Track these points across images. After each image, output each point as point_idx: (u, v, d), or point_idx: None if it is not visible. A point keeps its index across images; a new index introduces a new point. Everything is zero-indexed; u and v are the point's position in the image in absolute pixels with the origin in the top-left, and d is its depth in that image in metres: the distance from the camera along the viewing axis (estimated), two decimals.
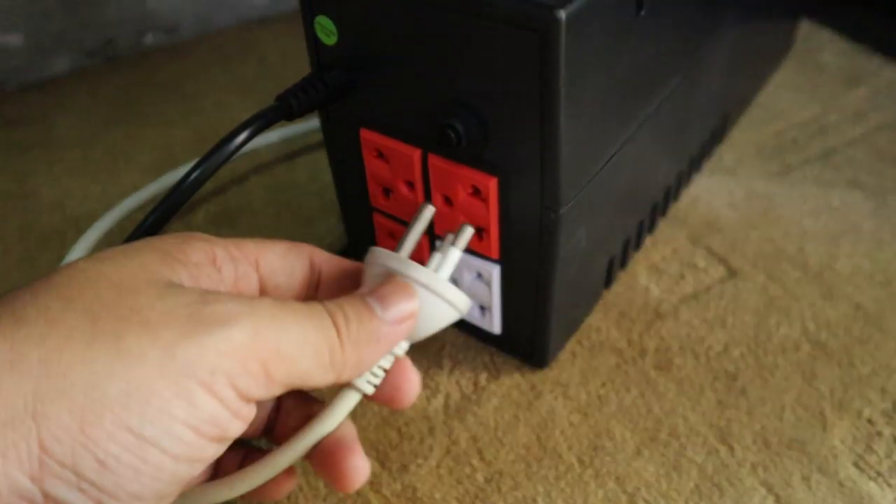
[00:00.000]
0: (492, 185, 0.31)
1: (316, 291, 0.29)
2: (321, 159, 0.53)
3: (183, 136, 0.57)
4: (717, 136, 0.50)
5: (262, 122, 0.31)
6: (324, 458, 0.26)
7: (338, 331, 0.24)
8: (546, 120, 0.28)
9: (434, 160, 0.32)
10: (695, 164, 0.48)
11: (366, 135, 0.34)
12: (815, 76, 0.60)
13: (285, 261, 0.28)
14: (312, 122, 0.53)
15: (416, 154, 0.33)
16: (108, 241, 0.45)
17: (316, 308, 0.24)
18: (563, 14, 0.25)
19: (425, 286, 0.27)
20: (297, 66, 0.65)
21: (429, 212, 0.29)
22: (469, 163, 0.31)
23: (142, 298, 0.21)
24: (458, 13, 0.27)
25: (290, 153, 0.54)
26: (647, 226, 0.43)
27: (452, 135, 0.30)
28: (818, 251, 0.44)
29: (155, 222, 0.29)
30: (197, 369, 0.21)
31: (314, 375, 0.24)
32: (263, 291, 0.27)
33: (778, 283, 0.42)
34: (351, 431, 0.27)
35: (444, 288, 0.27)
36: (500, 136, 0.30)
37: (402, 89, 0.31)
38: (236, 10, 0.74)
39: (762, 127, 0.54)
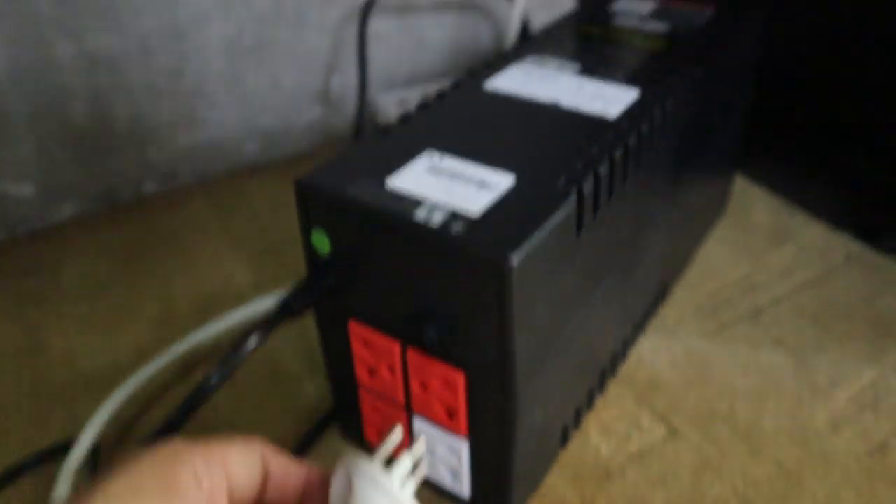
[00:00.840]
0: (459, 378, 0.37)
1: (265, 489, 0.33)
2: (310, 321, 0.59)
3: (182, 289, 0.63)
4: (659, 299, 0.57)
5: (268, 326, 0.37)
6: None
7: None
8: (501, 334, 0.34)
9: (412, 353, 0.38)
10: (639, 328, 0.55)
11: (354, 327, 0.40)
12: (747, 234, 0.68)
13: (244, 460, 0.32)
14: None
15: (397, 347, 0.39)
16: (122, 414, 0.50)
17: None
18: (514, 261, 0.32)
19: (391, 496, 0.32)
20: (285, 220, 0.72)
21: (397, 435, 0.35)
22: (441, 358, 0.38)
23: None
24: (431, 249, 0.34)
25: None
26: (597, 389, 0.50)
27: (428, 343, 0.36)
28: (747, 410, 0.50)
29: (175, 422, 0.35)
30: None
31: None
32: (229, 491, 0.32)
33: (711, 443, 0.48)
34: None
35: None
36: (466, 341, 0.36)
37: (385, 296, 0.38)
38: (229, 157, 0.81)
39: (700, 285, 0.62)
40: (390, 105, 0.83)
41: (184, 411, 0.34)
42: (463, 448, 0.40)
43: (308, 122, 0.84)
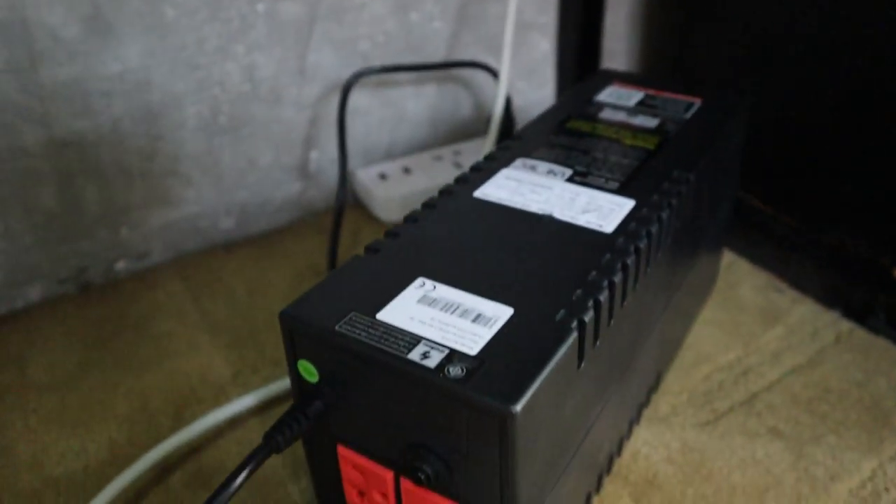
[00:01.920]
0: None
1: None
2: None
3: (157, 382, 0.61)
4: (653, 390, 0.56)
5: (254, 463, 0.35)
6: None
7: None
8: (504, 475, 0.32)
9: (405, 484, 0.37)
10: (634, 421, 0.53)
11: (343, 451, 0.39)
12: (735, 314, 0.67)
13: None
14: (284, 384, 0.57)
15: (389, 476, 0.37)
16: None
17: None
18: (518, 408, 0.30)
19: None
20: (263, 302, 0.70)
21: None
22: (437, 490, 0.36)
23: None
24: (428, 391, 0.32)
25: (263, 405, 0.58)
26: (594, 491, 0.48)
27: (422, 477, 0.34)
28: None
29: None
30: None
31: None
32: None
33: None
34: None
35: None
36: (464, 479, 0.34)
37: (377, 427, 0.36)
38: (204, 235, 0.79)
39: (692, 371, 0.60)
40: (369, 177, 0.82)
41: None
42: None
43: (285, 196, 0.83)
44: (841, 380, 0.60)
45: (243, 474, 0.35)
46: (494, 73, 0.84)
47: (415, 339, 0.34)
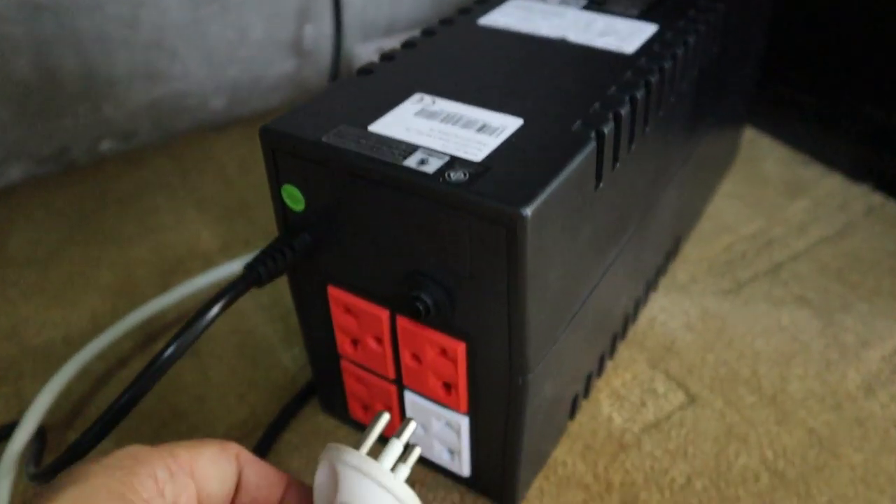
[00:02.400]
0: (460, 349, 0.32)
1: (235, 496, 0.29)
2: (283, 283, 0.53)
3: (142, 254, 0.57)
4: (671, 256, 0.52)
5: (231, 294, 0.31)
6: None
7: None
8: (513, 298, 0.29)
9: (403, 322, 0.33)
10: (651, 286, 0.50)
11: (334, 292, 0.35)
12: (758, 187, 0.63)
13: (217, 466, 0.28)
14: None
15: (385, 315, 0.34)
16: (70, 392, 0.44)
17: None
18: (528, 211, 0.26)
19: (382, 486, 0.27)
20: (255, 180, 0.66)
21: (383, 420, 0.29)
22: (437, 327, 0.32)
23: None
24: (426, 200, 0.28)
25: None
26: (608, 354, 0.44)
27: (421, 307, 0.31)
28: (771, 374, 0.46)
29: (129, 401, 0.29)
30: None
31: None
32: (199, 499, 0.27)
33: (734, 409, 0.43)
34: None
35: (404, 493, 0.27)
36: (467, 309, 0.31)
37: (369, 257, 0.32)
38: (193, 115, 0.75)
39: (712, 241, 0.57)
40: (368, 56, 0.77)
41: (137, 389, 0.29)
42: (462, 425, 0.35)
43: (279, 74, 0.78)
44: (872, 250, 0.56)
45: (219, 304, 0.31)
46: None
47: (411, 148, 0.29)
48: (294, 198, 0.33)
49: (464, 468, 0.38)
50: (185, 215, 0.62)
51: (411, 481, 0.39)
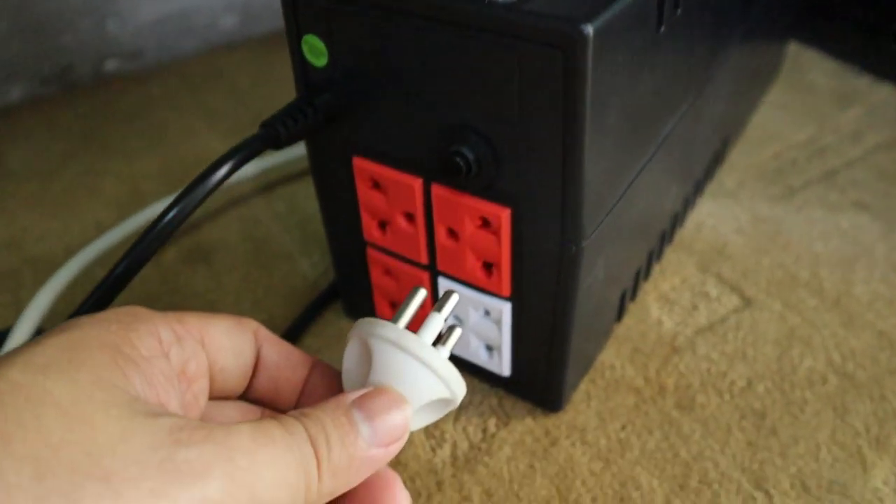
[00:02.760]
0: (504, 216, 0.28)
1: (253, 375, 0.25)
2: (302, 190, 0.50)
3: (148, 167, 0.54)
4: (718, 157, 0.48)
5: (246, 151, 0.28)
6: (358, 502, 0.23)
7: (318, 462, 0.20)
8: (569, 144, 0.25)
9: (438, 190, 0.29)
10: (699, 188, 0.46)
11: (359, 163, 0.31)
12: (806, 96, 0.58)
13: (232, 339, 0.24)
14: (291, 152, 0.50)
15: (418, 184, 0.30)
16: (71, 294, 0.41)
17: (296, 434, 0.20)
18: (590, 29, 0.22)
19: (422, 362, 0.23)
20: (270, 93, 0.62)
21: (420, 296, 0.25)
22: (478, 193, 0.29)
23: (100, 436, 0.17)
24: (469, 30, 0.24)
25: (268, 184, 0.51)
26: (655, 254, 0.41)
27: (461, 163, 0.27)
28: (833, 277, 0.42)
29: (127, 269, 0.25)
30: None
31: None
32: (212, 373, 0.24)
33: (795, 312, 0.40)
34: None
35: (447, 371, 0.23)
36: (514, 164, 0.27)
37: (401, 114, 0.29)
38: (202, 35, 0.71)
39: (760, 149, 0.53)
40: None
41: (136, 256, 0.25)
42: (504, 312, 0.32)
43: None
44: None
45: (230, 163, 0.27)
46: None
47: None
48: (315, 50, 0.29)
49: (503, 366, 0.34)
50: (195, 130, 0.58)
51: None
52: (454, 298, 0.25)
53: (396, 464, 0.33)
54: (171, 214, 0.26)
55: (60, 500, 0.16)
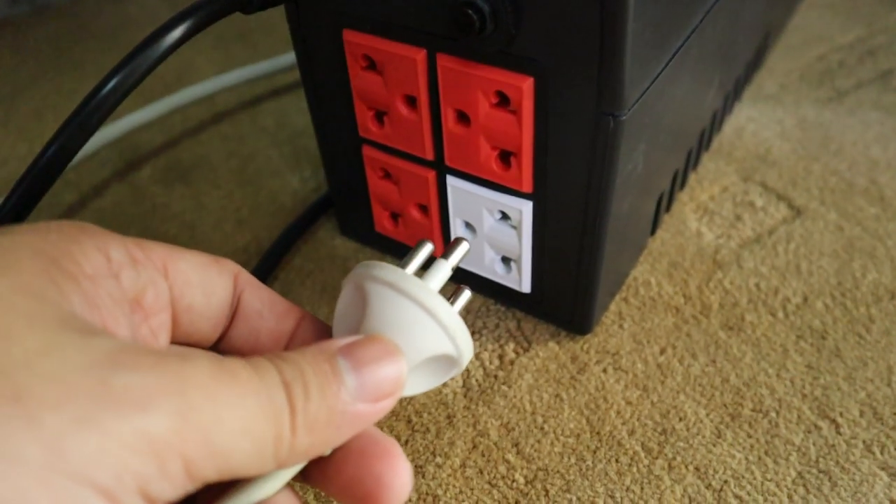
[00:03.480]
0: (526, 87, 0.23)
1: (230, 324, 0.21)
2: (290, 103, 0.45)
3: None
4: (760, 55, 0.43)
5: (209, 9, 0.23)
6: (348, 474, 0.19)
7: (292, 411, 0.16)
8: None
9: (445, 61, 0.24)
10: (738, 89, 0.40)
11: (350, 37, 0.26)
12: None
13: (204, 275, 0.20)
14: (278, 60, 0.45)
15: (420, 56, 0.25)
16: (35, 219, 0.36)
17: (267, 377, 0.16)
18: None
19: (423, 307, 0.18)
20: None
21: (427, 248, 0.20)
22: (493, 61, 0.23)
23: (16, 348, 0.13)
24: None
25: (253, 98, 0.46)
26: (693, 159, 0.36)
27: (474, 16, 0.22)
28: (894, 183, 0.37)
29: (57, 154, 0.20)
30: (96, 471, 0.13)
31: (247, 469, 0.16)
32: (176, 311, 0.19)
33: (854, 222, 0.35)
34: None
35: (453, 322, 0.19)
36: (538, 18, 0.22)
37: None
38: None
39: (802, 51, 0.47)
40: None
41: (66, 138, 0.20)
42: (524, 213, 0.27)
43: None
44: None
45: (186, 23, 0.22)
46: None
47: None
48: None
49: (523, 282, 0.29)
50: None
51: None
52: (464, 246, 0.21)
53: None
54: (111, 83, 0.21)
55: None
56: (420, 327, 0.19)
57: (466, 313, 0.31)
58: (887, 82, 0.44)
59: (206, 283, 0.20)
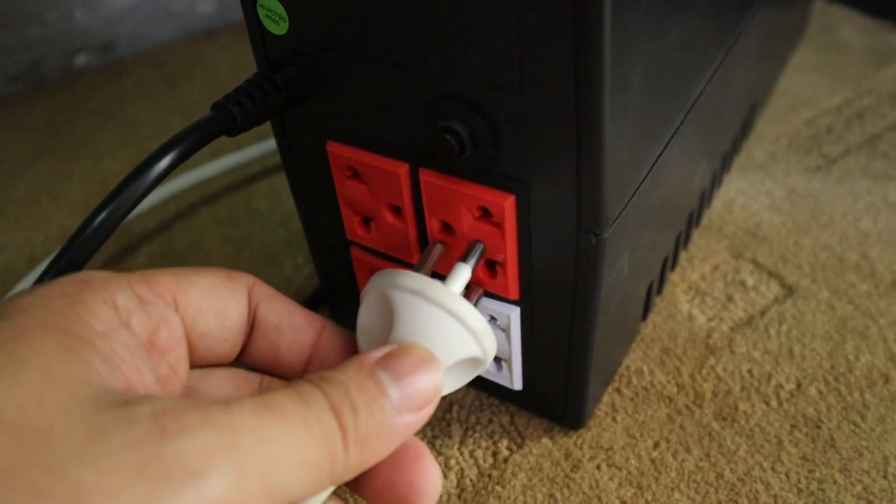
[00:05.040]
0: (507, 204, 0.23)
1: (248, 339, 0.21)
2: (282, 184, 0.45)
3: (120, 167, 0.49)
4: (746, 127, 0.43)
5: (192, 138, 0.23)
6: (382, 480, 0.19)
7: (343, 433, 0.16)
8: (584, 110, 0.20)
9: (427, 177, 0.24)
10: (727, 162, 0.41)
11: (334, 149, 0.26)
12: (837, 56, 0.53)
13: (215, 298, 0.20)
14: (269, 144, 0.45)
15: (403, 170, 0.25)
16: None
17: (314, 404, 0.16)
18: None
19: (453, 314, 0.19)
20: None
21: (438, 249, 0.21)
22: (475, 177, 0.24)
23: (61, 445, 0.13)
24: None
25: (247, 178, 0.46)
26: (683, 239, 0.36)
27: (453, 142, 0.22)
28: (885, 257, 0.37)
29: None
30: None
31: (305, 495, 0.16)
32: (191, 340, 0.19)
33: (846, 300, 0.35)
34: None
35: (480, 325, 0.20)
36: (516, 139, 0.22)
37: (379, 87, 0.24)
38: (179, 21, 0.66)
39: (790, 116, 0.47)
40: None
41: (59, 272, 0.21)
42: (513, 318, 0.27)
43: None
44: None
45: (174, 152, 0.22)
46: None
47: None
48: (274, 15, 0.24)
49: (514, 380, 0.29)
50: (170, 124, 0.53)
51: (447, 402, 0.32)
52: (480, 247, 0.23)
53: None
54: (99, 218, 0.21)
55: None
56: (449, 333, 0.20)
57: (459, 408, 0.31)
58: (874, 147, 0.44)
59: (217, 306, 0.20)
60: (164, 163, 0.22)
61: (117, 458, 0.13)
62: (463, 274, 0.21)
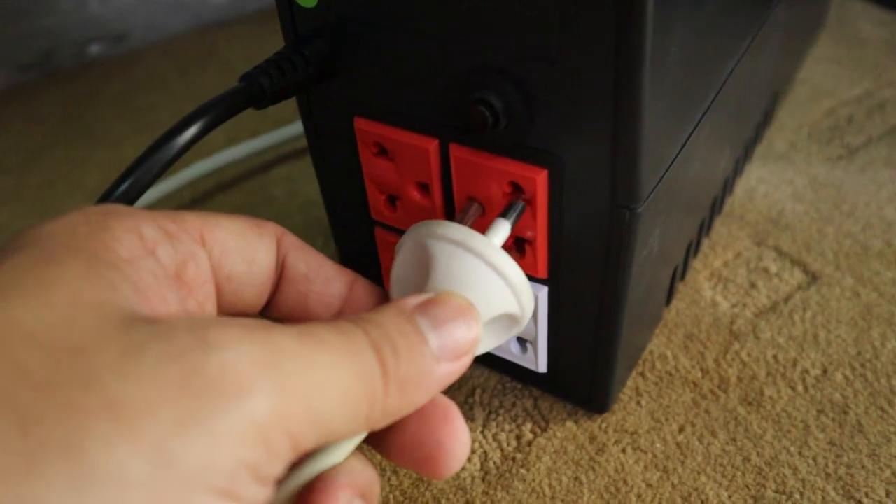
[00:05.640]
0: (540, 180, 0.23)
1: (277, 289, 0.20)
2: (301, 169, 0.45)
3: (136, 153, 0.49)
4: (768, 115, 0.43)
5: (221, 108, 0.23)
6: (408, 437, 0.19)
7: (384, 372, 0.16)
8: (625, 79, 0.20)
9: (458, 152, 0.24)
10: (748, 150, 0.40)
11: (362, 125, 0.26)
12: (857, 49, 0.53)
13: (243, 241, 0.19)
14: (286, 130, 0.45)
15: (433, 145, 0.25)
16: None
17: (355, 339, 0.16)
18: None
19: (493, 266, 0.19)
20: None
21: (476, 207, 0.21)
22: (506, 152, 0.23)
23: (98, 359, 0.13)
24: None
25: (264, 164, 0.46)
26: (706, 226, 0.36)
27: (487, 113, 0.22)
28: None
29: None
30: (209, 475, 0.13)
31: (342, 434, 0.16)
32: (218, 282, 0.19)
33: (871, 287, 0.34)
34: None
35: (520, 280, 0.20)
36: (552, 112, 0.22)
37: (410, 59, 0.23)
38: (192, 12, 0.66)
39: (810, 106, 0.47)
40: None
41: None
42: (540, 298, 0.26)
43: None
44: None
45: (201, 121, 0.22)
46: None
47: None
48: None
49: (539, 362, 0.29)
50: (186, 112, 0.53)
51: (470, 386, 0.31)
52: (520, 205, 0.22)
53: (419, 480, 0.28)
54: (123, 186, 0.21)
55: (56, 452, 0.12)
56: (487, 286, 0.19)
57: (482, 392, 0.31)
58: None
59: (245, 249, 0.19)
60: (191, 132, 0.22)
61: (157, 371, 0.13)
62: (503, 229, 0.21)
